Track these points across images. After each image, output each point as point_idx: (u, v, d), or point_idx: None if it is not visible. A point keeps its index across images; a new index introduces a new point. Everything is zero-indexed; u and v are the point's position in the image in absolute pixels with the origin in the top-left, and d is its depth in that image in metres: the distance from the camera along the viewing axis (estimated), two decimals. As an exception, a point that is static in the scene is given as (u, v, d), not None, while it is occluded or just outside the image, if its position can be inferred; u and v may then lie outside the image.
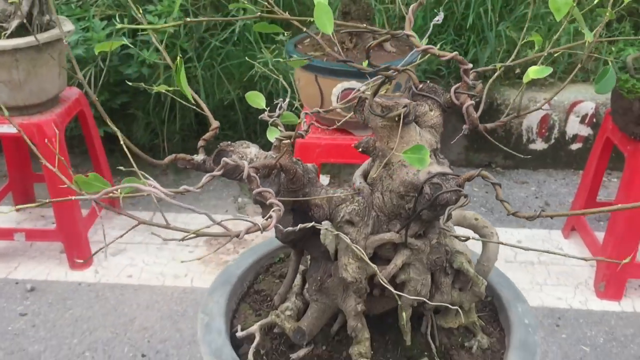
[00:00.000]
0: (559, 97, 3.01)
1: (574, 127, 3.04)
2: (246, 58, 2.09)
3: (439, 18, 1.20)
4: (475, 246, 1.12)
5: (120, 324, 2.23)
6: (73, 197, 0.89)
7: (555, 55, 3.12)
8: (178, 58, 0.78)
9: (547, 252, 0.84)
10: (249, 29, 2.92)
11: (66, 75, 2.40)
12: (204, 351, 1.07)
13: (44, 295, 2.36)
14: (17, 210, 0.83)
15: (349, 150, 2.14)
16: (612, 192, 2.97)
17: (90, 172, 0.86)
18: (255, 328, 1.10)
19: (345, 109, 2.09)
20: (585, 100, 2.98)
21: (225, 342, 1.07)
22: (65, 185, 0.83)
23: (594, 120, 3.00)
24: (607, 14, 1.10)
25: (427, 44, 2.66)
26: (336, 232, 0.98)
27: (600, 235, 2.43)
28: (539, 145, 3.11)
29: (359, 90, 1.10)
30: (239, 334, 1.11)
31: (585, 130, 3.03)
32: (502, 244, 0.96)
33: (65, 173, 2.39)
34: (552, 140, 3.09)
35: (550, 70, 0.94)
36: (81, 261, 2.44)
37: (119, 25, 0.90)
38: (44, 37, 2.17)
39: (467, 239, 0.93)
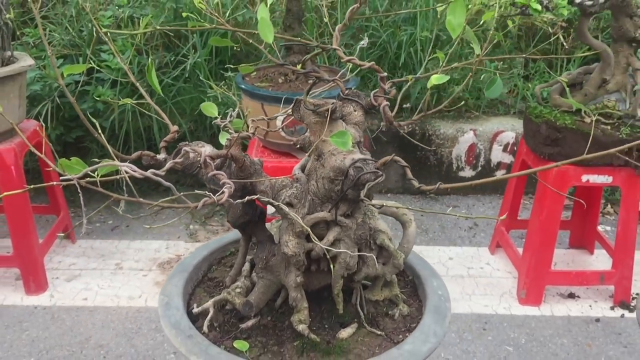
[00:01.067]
0: (483, 127, 3.31)
1: (497, 155, 3.35)
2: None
3: (364, 42, 1.44)
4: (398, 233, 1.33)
5: (76, 342, 2.32)
6: (55, 183, 1.06)
7: (480, 91, 3.45)
8: (150, 59, 0.97)
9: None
10: (199, 67, 3.13)
11: (25, 108, 2.55)
12: (164, 324, 1.23)
13: (0, 319, 2.44)
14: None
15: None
16: (534, 213, 3.26)
17: (73, 158, 1.03)
18: (209, 304, 1.27)
19: (288, 134, 2.32)
20: (506, 131, 3.30)
21: (184, 316, 1.24)
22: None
23: (515, 148, 3.31)
24: (495, 37, 1.36)
25: (362, 80, 2.96)
26: (281, 208, 1.18)
27: (522, 251, 2.69)
28: (468, 172, 3.39)
29: (286, 110, 1.34)
30: (195, 310, 1.28)
31: (508, 158, 3.34)
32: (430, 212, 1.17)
33: (23, 197, 2.52)
34: (479, 168, 3.39)
35: (447, 77, 1.17)
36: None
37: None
38: (6, 70, 2.32)
39: (382, 205, 1.14)
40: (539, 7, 2.02)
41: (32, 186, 1.06)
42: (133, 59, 3.02)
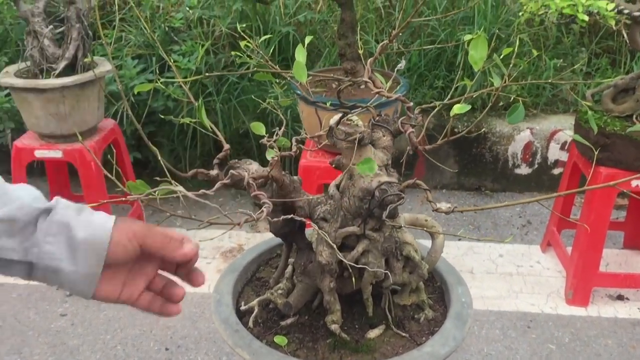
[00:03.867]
0: (540, 126, 3.33)
1: (554, 153, 3.36)
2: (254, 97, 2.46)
3: (401, 65, 1.55)
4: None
5: (146, 323, 2.56)
6: (126, 198, 1.24)
7: (539, 89, 3.46)
8: (200, 98, 1.13)
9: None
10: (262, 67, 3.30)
11: (104, 108, 2.79)
12: (215, 319, 1.40)
13: (80, 300, 2.69)
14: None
15: (344, 172, 2.48)
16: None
17: (138, 180, 1.21)
18: (254, 303, 1.44)
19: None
20: (564, 129, 3.31)
21: (232, 313, 1.41)
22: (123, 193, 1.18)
23: (573, 147, 3.32)
24: (521, 65, 1.44)
25: (419, 78, 3.04)
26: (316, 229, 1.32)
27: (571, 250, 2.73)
28: (524, 170, 3.43)
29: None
30: (243, 307, 1.45)
31: (565, 156, 3.35)
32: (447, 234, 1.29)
33: (101, 188, 2.80)
34: (536, 165, 3.41)
35: (468, 107, 1.27)
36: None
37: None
38: (87, 76, 2.56)
39: (401, 227, 1.26)
40: (585, 18, 2.06)
41: (106, 201, 1.25)
42: (201, 60, 3.22)
